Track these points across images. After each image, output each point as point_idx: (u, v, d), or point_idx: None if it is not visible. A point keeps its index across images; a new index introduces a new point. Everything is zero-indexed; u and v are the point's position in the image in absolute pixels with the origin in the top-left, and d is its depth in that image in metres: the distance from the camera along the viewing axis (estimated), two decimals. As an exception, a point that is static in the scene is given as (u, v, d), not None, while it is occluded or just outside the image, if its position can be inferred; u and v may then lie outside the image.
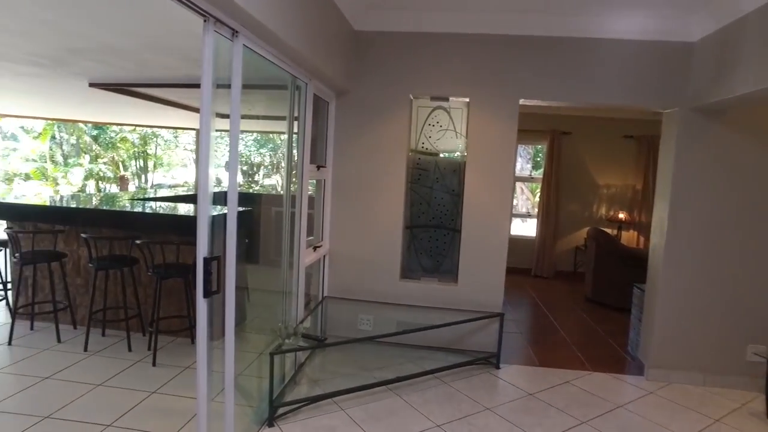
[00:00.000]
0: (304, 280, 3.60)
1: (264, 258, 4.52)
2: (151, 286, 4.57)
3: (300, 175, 3.42)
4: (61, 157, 16.52)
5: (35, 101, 8.15)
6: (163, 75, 5.19)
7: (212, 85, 2.13)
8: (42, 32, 3.63)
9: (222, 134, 9.89)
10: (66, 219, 4.81)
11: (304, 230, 3.50)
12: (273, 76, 3.05)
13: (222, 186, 10.19)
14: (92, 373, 3.87)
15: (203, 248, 2.14)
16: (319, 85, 3.67)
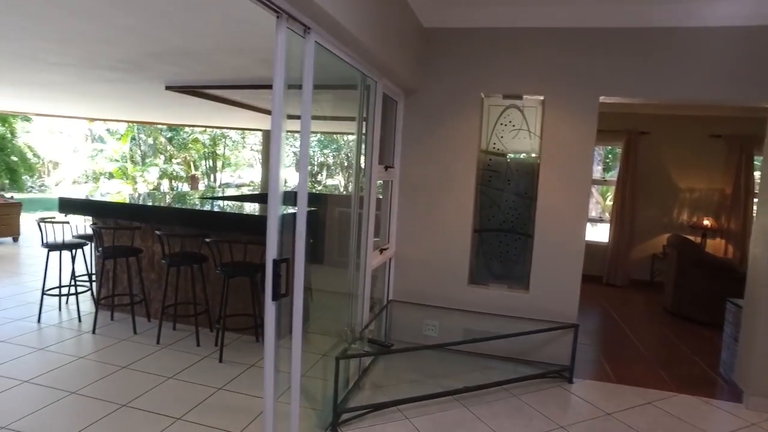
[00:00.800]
0: (370, 283, 3.52)
1: (328, 258, 4.50)
2: (219, 284, 4.67)
3: (368, 176, 3.35)
4: (139, 157, 17.57)
5: (118, 105, 8.66)
6: (232, 77, 5.32)
7: (284, 83, 2.08)
8: (125, 38, 3.79)
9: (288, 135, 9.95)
10: (142, 216, 5.03)
11: (371, 232, 3.43)
12: (343, 75, 2.99)
13: (288, 186, 10.46)
14: (164, 366, 4.00)
15: (273, 250, 2.10)
16: (388, 83, 3.58)
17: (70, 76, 5.53)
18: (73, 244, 4.99)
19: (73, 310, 5.22)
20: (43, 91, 6.99)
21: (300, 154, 2.27)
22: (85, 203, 5.37)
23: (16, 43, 4.11)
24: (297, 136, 2.98)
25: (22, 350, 4.22)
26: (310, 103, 2.27)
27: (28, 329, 4.73)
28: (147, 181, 16.83)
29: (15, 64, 5.03)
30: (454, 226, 4.19)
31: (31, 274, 6.82)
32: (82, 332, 4.69)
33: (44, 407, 3.33)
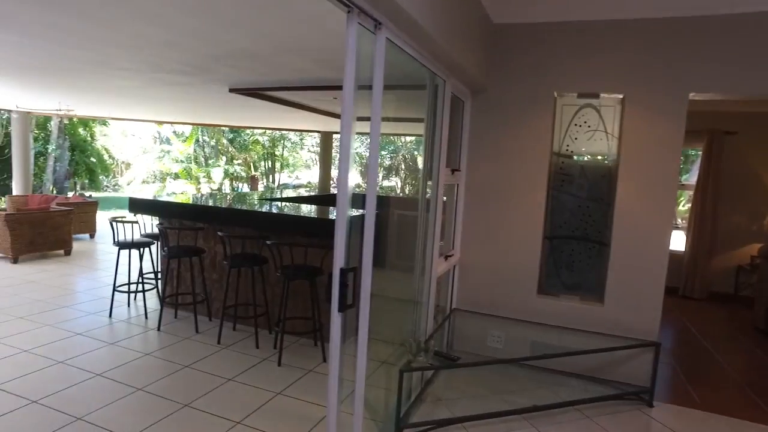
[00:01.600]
0: (435, 291, 3.36)
1: (389, 263, 4.37)
2: (279, 286, 4.66)
3: (436, 179, 3.19)
4: (203, 159, 18.26)
5: (184, 107, 8.97)
6: (293, 78, 5.32)
7: (354, 81, 1.96)
8: (190, 42, 3.84)
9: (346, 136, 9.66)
10: (205, 217, 5.11)
11: (437, 237, 3.27)
12: (410, 74, 2.86)
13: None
14: (224, 367, 4.02)
15: (340, 258, 1.99)
16: (456, 82, 3.41)
17: (140, 81, 5.73)
18: (141, 243, 5.15)
19: (141, 306, 5.39)
20: (116, 96, 7.33)
21: (369, 157, 2.15)
22: (152, 204, 5.55)
23: (93, 51, 4.28)
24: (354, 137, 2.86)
25: (95, 344, 4.38)
26: (381, 103, 2.15)
27: (100, 323, 4.91)
28: (210, 181, 17.46)
29: (92, 71, 5.27)
30: (523, 233, 3.95)
31: (105, 270, 7.16)
32: (148, 329, 4.82)
33: (113, 402, 3.40)
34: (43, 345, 4.31)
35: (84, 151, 17.85)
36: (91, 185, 18.85)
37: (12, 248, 7.27)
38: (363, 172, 21.71)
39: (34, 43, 4.06)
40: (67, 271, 7.05)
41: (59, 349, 4.23)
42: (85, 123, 17.63)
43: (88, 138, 18.16)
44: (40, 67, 5.17)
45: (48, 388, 3.56)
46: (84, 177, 18.11)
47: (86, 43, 3.95)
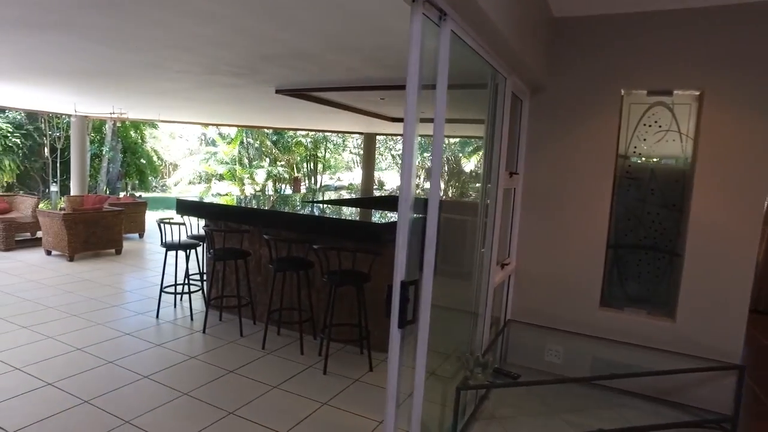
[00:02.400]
0: (492, 301, 3.15)
1: (442, 271, 4.18)
2: (325, 291, 4.55)
3: (495, 183, 2.99)
4: (247, 160, 18.57)
5: (231, 110, 9.07)
6: (340, 78, 5.22)
7: (419, 77, 1.79)
8: (241, 41, 3.78)
9: (389, 138, 9.78)
10: (251, 219, 5.07)
11: (496, 244, 3.06)
12: (472, 71, 2.67)
13: (384, 189, 10.20)
14: (269, 373, 3.93)
15: (401, 269, 1.82)
16: (516, 80, 3.20)
17: (191, 83, 5.77)
18: (188, 245, 5.16)
19: (186, 308, 5.41)
20: (167, 98, 7.46)
21: (432, 160, 1.98)
22: (199, 205, 5.57)
23: (147, 54, 4.30)
24: (397, 139, 2.65)
25: (143, 344, 4.40)
26: (445, 102, 1.97)
27: (148, 324, 4.95)
28: (254, 183, 17.73)
29: (145, 74, 5.33)
30: (585, 241, 3.68)
31: (152, 269, 7.28)
32: (193, 331, 4.81)
33: (160, 406, 3.37)
34: (95, 344, 4.36)
35: (135, 153, 18.50)
36: (141, 186, 19.51)
37: (69, 246, 7.51)
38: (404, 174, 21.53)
39: (93, 47, 4.11)
40: (117, 270, 7.22)
41: (109, 349, 4.26)
42: (136, 126, 18.25)
43: (139, 140, 18.80)
44: (97, 71, 5.28)
45: (99, 388, 3.57)
46: (134, 178, 18.76)
47: (142, 44, 3.96)
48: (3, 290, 5.91)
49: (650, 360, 3.47)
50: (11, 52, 4.53)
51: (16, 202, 9.57)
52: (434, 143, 1.97)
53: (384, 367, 4.19)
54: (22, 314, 5.08)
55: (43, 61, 4.85)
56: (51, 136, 14.85)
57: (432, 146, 1.98)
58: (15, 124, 14.42)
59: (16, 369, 3.85)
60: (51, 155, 14.79)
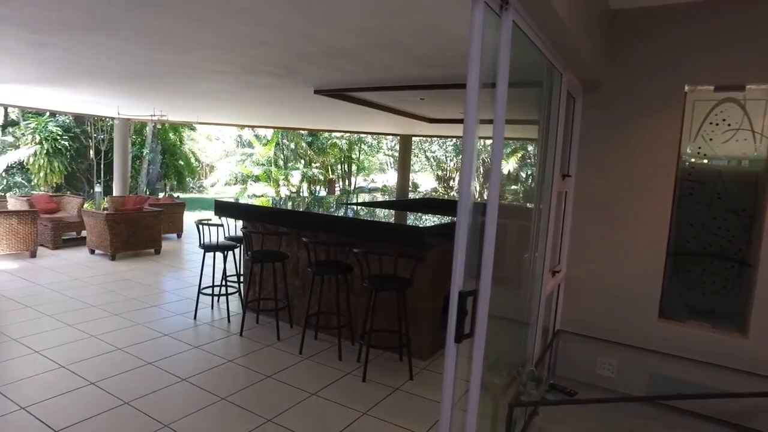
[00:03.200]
0: (544, 311, 2.97)
1: (493, 278, 4.00)
2: (364, 296, 4.44)
3: (549, 186, 2.81)
4: (282, 162, 18.73)
5: (268, 111, 9.10)
6: (380, 77, 5.10)
7: (480, 73, 1.65)
8: (282, 40, 3.70)
9: (424, 139, 9.61)
10: (289, 221, 5.00)
11: (549, 251, 2.87)
12: (529, 67, 2.49)
13: (418, 192, 10.07)
14: (306, 379, 3.85)
15: (459, 279, 1.68)
16: (571, 77, 3.00)
17: (230, 84, 5.77)
18: (226, 246, 5.14)
19: (224, 309, 5.40)
20: (206, 100, 7.52)
21: (492, 163, 1.82)
22: (237, 206, 5.55)
23: (188, 54, 4.29)
24: (433, 140, 2.47)
25: (181, 346, 4.39)
26: (505, 100, 1.81)
27: (186, 325, 4.95)
28: (289, 184, 17.86)
29: (185, 76, 5.36)
30: (642, 247, 3.44)
31: (190, 270, 7.35)
32: (230, 333, 4.78)
33: (198, 410, 3.32)
34: (135, 344, 4.38)
35: (173, 154, 18.93)
36: (179, 187, 19.96)
37: (111, 246, 7.67)
38: (441, 177, 21.33)
39: (134, 49, 4.13)
40: (156, 269, 7.31)
41: (149, 350, 4.27)
42: (175, 128, 18.68)
43: (177, 142, 19.23)
44: (138, 73, 5.33)
45: (138, 389, 3.56)
46: (173, 179, 19.20)
47: (182, 44, 3.94)
48: (50, 288, 6.06)
49: (716, 379, 3.20)
50: (61, 56, 4.60)
51: (64, 202, 9.88)
52: (494, 145, 1.82)
53: (425, 375, 4.04)
54: (67, 312, 5.17)
55: (88, 64, 4.93)
56: (96, 138, 15.34)
57: (491, 148, 1.83)
58: (64, 128, 14.95)
59: (62, 367, 3.89)
60: (95, 157, 15.27)
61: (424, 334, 4.32)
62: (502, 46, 1.82)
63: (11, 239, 7.50)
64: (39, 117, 14.73)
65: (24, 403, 3.32)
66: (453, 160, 20.38)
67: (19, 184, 14.84)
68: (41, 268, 7.08)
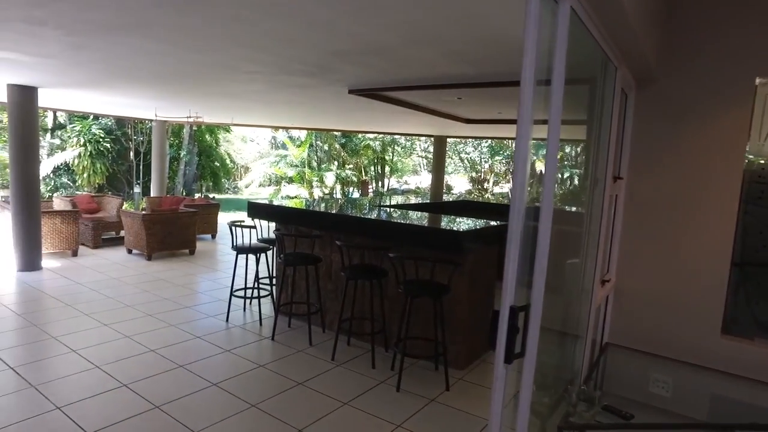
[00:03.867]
0: (594, 323, 2.74)
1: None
2: (398, 301, 4.28)
3: (601, 189, 2.59)
4: (316, 163, 18.79)
5: (302, 112, 9.07)
6: (416, 76, 4.95)
7: (535, 64, 1.47)
8: (315, 37, 3.60)
9: (458, 141, 9.29)
10: (322, 224, 4.90)
11: (600, 259, 2.65)
12: (583, 60, 2.28)
13: (452, 194, 9.86)
14: (339, 388, 3.72)
15: (510, 291, 1.50)
16: (625, 71, 2.77)
17: (263, 84, 5.73)
18: (258, 248, 5.08)
19: (256, 312, 5.34)
20: (241, 101, 7.54)
21: (546, 166, 1.64)
22: (270, 208, 5.49)
23: (222, 54, 4.25)
24: (467, 141, 2.27)
25: (213, 349, 4.34)
26: (561, 95, 1.63)
27: (218, 327, 4.91)
28: (323, 186, 17.90)
29: (219, 76, 5.34)
30: (702, 256, 3.16)
31: (223, 271, 7.36)
32: (262, 337, 4.71)
33: (228, 417, 3.24)
34: (167, 346, 4.36)
35: (209, 156, 19.28)
36: (215, 188, 20.31)
37: (147, 246, 7.77)
38: (476, 178, 20.97)
39: (169, 49, 4.11)
40: (190, 270, 7.36)
41: (180, 352, 4.23)
42: (211, 130, 19.01)
43: (213, 144, 19.57)
44: (173, 74, 5.35)
45: (169, 393, 3.51)
46: (209, 180, 19.55)
47: (216, 44, 3.90)
48: (89, 287, 6.16)
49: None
50: (99, 59, 4.65)
51: (104, 203, 10.12)
52: (548, 146, 1.64)
53: (462, 386, 3.86)
54: (104, 311, 5.23)
55: (125, 66, 4.96)
56: (135, 140, 15.75)
57: (546, 148, 1.65)
58: (106, 130, 15.42)
59: (96, 367, 3.89)
60: (135, 158, 15.68)
61: (461, 343, 4.13)
62: (558, 35, 1.63)
63: (55, 238, 7.70)
64: (83, 120, 15.23)
65: (60, 403, 3.32)
66: (488, 161, 20.00)
67: (65, 184, 15.37)
68: (82, 267, 7.24)
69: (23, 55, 4.64)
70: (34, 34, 3.81)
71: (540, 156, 2.64)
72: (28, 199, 6.88)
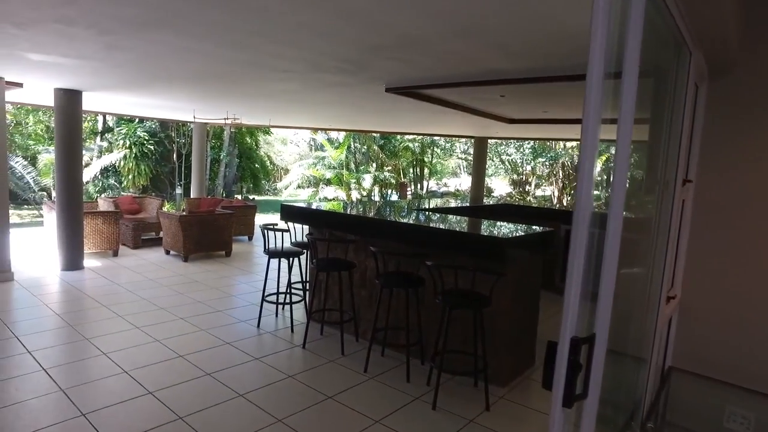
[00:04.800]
0: (661, 344, 2.40)
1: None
2: (436, 311, 4.01)
3: (672, 192, 2.24)
4: (354, 165, 18.70)
5: (339, 112, 8.93)
6: (457, 72, 4.66)
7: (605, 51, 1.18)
8: (349, 30, 3.38)
9: (500, 142, 8.81)
10: (356, 228, 4.68)
11: (669, 273, 2.31)
12: (653, 45, 1.95)
13: (492, 197, 9.45)
14: (371, 403, 3.49)
15: (572, 319, 1.22)
16: (700, 58, 2.41)
17: (298, 83, 5.58)
18: (291, 253, 4.91)
19: (287, 318, 5.18)
20: (276, 101, 7.44)
21: (615, 169, 1.33)
22: (302, 212, 5.31)
23: (253, 51, 4.10)
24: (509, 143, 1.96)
25: (242, 357, 4.19)
26: (635, 85, 1.32)
27: (248, 333, 4.78)
28: (361, 188, 17.78)
29: (252, 75, 5.22)
30: (786, 271, 2.74)
31: (258, 273, 7.28)
32: (293, 345, 4.53)
33: (253, 432, 3.06)
34: (197, 352, 4.25)
35: (250, 158, 19.52)
36: (254, 189, 20.55)
37: (184, 247, 7.79)
38: (518, 181, 20.36)
39: (198, 46, 4.00)
40: (225, 272, 7.31)
41: (209, 359, 4.11)
42: (251, 132, 19.25)
43: (253, 146, 19.81)
44: (206, 73, 5.28)
45: (194, 403, 3.38)
46: (249, 181, 19.80)
47: (248, 40, 3.76)
48: (126, 287, 6.18)
49: None
50: (134, 59, 4.61)
51: (145, 204, 10.30)
52: (618, 147, 1.34)
53: (503, 406, 3.55)
54: (137, 313, 5.20)
55: (160, 66, 4.92)
56: (178, 142, 16.09)
57: (616, 149, 1.34)
58: (150, 133, 15.83)
59: (124, 372, 3.81)
60: (177, 160, 16.01)
61: (503, 358, 3.82)
62: (633, 9, 1.33)
63: (96, 238, 7.83)
64: (130, 123, 15.69)
65: (85, 410, 3.24)
66: (530, 163, 19.36)
67: (112, 186, 15.87)
68: (121, 267, 7.31)
69: (62, 58, 4.65)
70: (68, 35, 3.78)
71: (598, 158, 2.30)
72: (72, 200, 7.00)
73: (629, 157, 1.39)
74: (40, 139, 16.10)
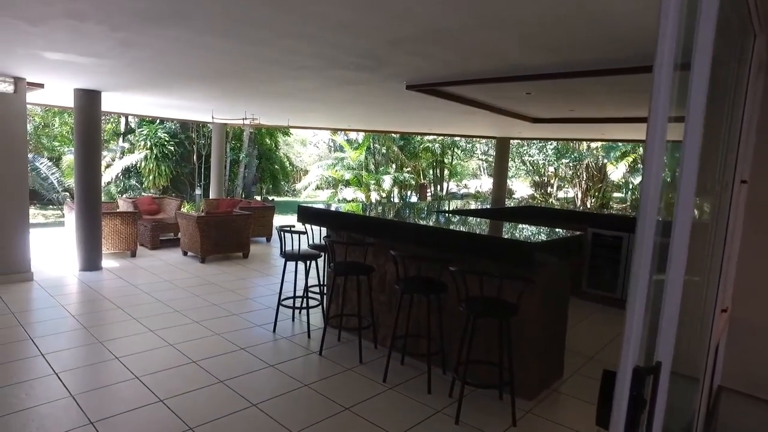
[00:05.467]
0: (714, 363, 2.15)
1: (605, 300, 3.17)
2: (459, 319, 3.80)
3: (729, 194, 2.00)
4: (373, 166, 18.54)
5: (358, 112, 8.76)
6: (480, 68, 4.44)
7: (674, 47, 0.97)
8: (366, 20, 3.19)
9: (523, 143, 8.47)
10: (375, 231, 4.50)
11: (727, 286, 2.06)
12: (722, 27, 1.72)
13: (513, 198, 9.15)
14: (390, 415, 3.30)
15: (635, 345, 1.01)
16: (763, 41, 2.15)
17: (316, 81, 5.43)
18: (308, 256, 4.75)
19: (304, 323, 5.02)
20: (294, 100, 7.31)
21: (684, 165, 1.11)
22: (320, 213, 5.15)
23: (267, 46, 3.95)
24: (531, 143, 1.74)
25: (257, 363, 4.04)
26: (707, 73, 1.10)
27: (264, 338, 4.63)
28: (380, 189, 17.62)
29: (268, 73, 5.08)
30: None
31: (275, 276, 7.15)
32: (310, 351, 4.37)
33: (266, 446, 2.89)
34: (210, 357, 4.11)
35: (269, 159, 19.52)
36: (274, 190, 20.55)
37: (201, 249, 7.72)
38: (540, 183, 19.92)
39: (211, 41, 3.88)
40: (242, 274, 7.20)
41: (223, 365, 3.97)
42: (271, 133, 19.25)
43: (273, 147, 19.81)
44: (220, 72, 5.17)
45: (206, 412, 3.23)
46: (268, 182, 19.81)
47: (260, 34, 3.60)
48: (142, 289, 6.11)
49: None
50: (148, 56, 4.52)
51: (164, 204, 10.29)
52: (686, 147, 1.11)
53: (530, 421, 3.32)
54: (152, 316, 5.10)
55: (175, 63, 4.82)
56: (198, 143, 16.15)
57: (684, 147, 1.12)
58: (170, 134, 15.92)
59: (135, 377, 3.70)
60: (197, 161, 16.07)
61: (530, 369, 3.59)
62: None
63: (115, 239, 7.81)
64: (151, 124, 15.81)
65: (94, 417, 3.12)
66: (553, 164, 18.93)
67: (133, 186, 16.00)
68: (138, 268, 7.26)
69: (77, 56, 4.58)
70: (81, 31, 3.68)
71: (612, 158, 2.06)
72: (91, 200, 6.98)
73: (698, 158, 1.16)
74: (65, 140, 16.34)
